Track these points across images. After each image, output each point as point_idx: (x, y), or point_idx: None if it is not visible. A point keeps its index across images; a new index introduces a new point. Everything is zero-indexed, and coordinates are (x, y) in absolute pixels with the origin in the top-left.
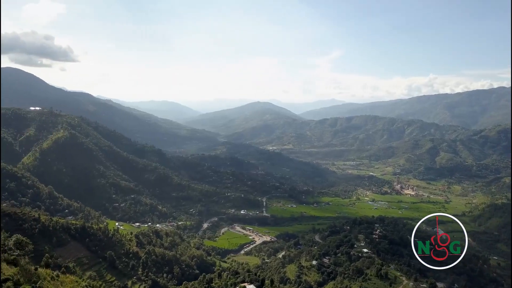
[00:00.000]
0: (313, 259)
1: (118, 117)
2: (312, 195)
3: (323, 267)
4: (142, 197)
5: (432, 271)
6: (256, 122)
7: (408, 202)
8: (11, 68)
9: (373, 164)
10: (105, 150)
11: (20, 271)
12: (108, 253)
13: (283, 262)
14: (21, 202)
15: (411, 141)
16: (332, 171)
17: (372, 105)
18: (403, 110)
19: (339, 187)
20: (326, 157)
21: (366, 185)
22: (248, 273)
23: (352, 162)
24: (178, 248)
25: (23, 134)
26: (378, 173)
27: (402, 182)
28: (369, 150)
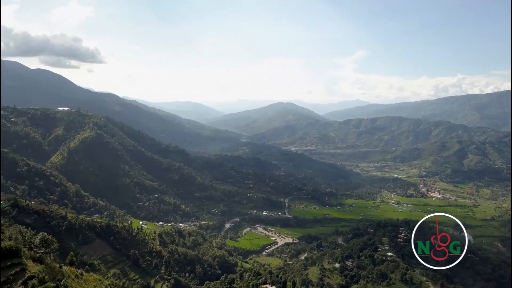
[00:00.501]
0: (336, 261)
1: (143, 117)
2: (336, 197)
3: (346, 270)
4: (166, 197)
5: (460, 277)
6: (278, 123)
7: (434, 206)
8: (42, 70)
9: (398, 166)
10: (130, 149)
11: (45, 268)
12: (132, 251)
13: (305, 264)
14: (49, 200)
15: (438, 143)
16: (356, 172)
17: (397, 106)
18: (429, 111)
19: (363, 189)
20: (350, 159)
21: (390, 187)
22: (270, 274)
23: (377, 164)
24: (201, 248)
25: (52, 133)
26: (403, 175)
27: (428, 184)
28: (394, 151)
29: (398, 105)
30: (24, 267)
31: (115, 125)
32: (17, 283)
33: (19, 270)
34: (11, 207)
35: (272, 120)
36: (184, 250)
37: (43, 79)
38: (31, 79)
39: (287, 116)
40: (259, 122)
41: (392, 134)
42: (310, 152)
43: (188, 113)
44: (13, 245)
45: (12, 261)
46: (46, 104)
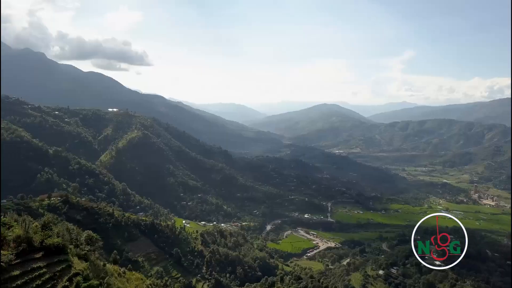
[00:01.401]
0: (380, 268)
1: (188, 118)
2: (380, 201)
3: (390, 277)
4: (209, 197)
5: None
6: (322, 125)
7: (487, 213)
8: (94, 73)
9: (447, 170)
10: (175, 150)
11: (89, 266)
12: (175, 250)
13: (348, 269)
14: (98, 198)
15: (492, 147)
16: (402, 177)
17: (447, 108)
18: (482, 114)
19: (409, 194)
20: (395, 162)
21: (439, 193)
22: (311, 279)
23: (424, 168)
24: (242, 249)
25: (102, 133)
26: (453, 180)
27: (480, 191)
28: (443, 156)
29: (448, 107)
30: (70, 264)
31: (161, 125)
32: (63, 279)
33: (65, 266)
34: (63, 204)
35: (315, 122)
36: (225, 251)
37: (95, 81)
38: (84, 81)
39: (331, 118)
40: (302, 124)
41: (441, 137)
42: (354, 155)
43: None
44: (60, 242)
45: (59, 257)
46: (96, 105)
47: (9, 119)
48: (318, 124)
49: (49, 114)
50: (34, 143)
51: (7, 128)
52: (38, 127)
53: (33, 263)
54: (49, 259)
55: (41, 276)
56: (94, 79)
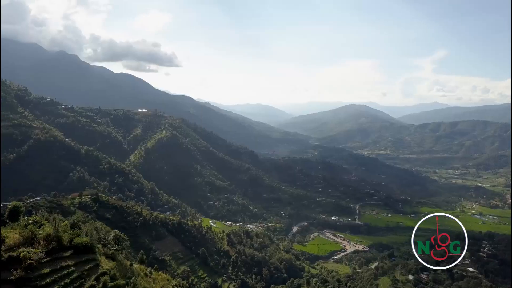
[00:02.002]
0: (409, 273)
1: (216, 119)
2: (410, 204)
3: (420, 283)
4: (235, 197)
5: None
6: (350, 126)
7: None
8: (124, 74)
9: (481, 174)
10: (202, 150)
11: (117, 265)
12: (201, 249)
13: (376, 274)
14: (127, 196)
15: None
16: (433, 179)
17: (481, 109)
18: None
19: (440, 197)
20: (426, 165)
21: (472, 196)
22: (338, 282)
23: (457, 171)
24: (268, 250)
25: (131, 133)
26: (487, 184)
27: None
28: (476, 158)
29: (482, 108)
30: (98, 263)
31: (189, 126)
32: (90, 278)
33: (93, 266)
34: (93, 202)
35: (344, 123)
36: (251, 251)
37: (125, 82)
38: (115, 82)
39: (360, 119)
40: (330, 125)
41: (475, 139)
42: (384, 157)
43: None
44: (88, 241)
45: (87, 256)
46: (127, 105)
47: (43, 119)
48: (346, 125)
49: (81, 114)
50: (67, 142)
51: (42, 128)
52: (70, 127)
53: (62, 262)
54: (77, 257)
55: (70, 274)
56: (124, 80)
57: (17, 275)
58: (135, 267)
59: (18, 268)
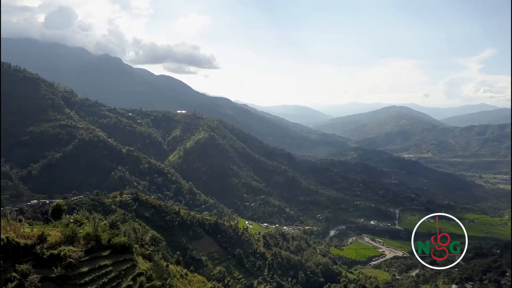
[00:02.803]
0: (453, 282)
1: (253, 120)
2: (454, 210)
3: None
4: (271, 199)
5: None
6: (390, 127)
7: None
8: (165, 76)
9: None
10: (239, 151)
11: (153, 266)
12: (237, 251)
13: (417, 281)
14: (165, 196)
15: None
16: (478, 184)
17: None
18: None
19: (487, 203)
20: (471, 169)
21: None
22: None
23: (505, 176)
24: (304, 253)
25: (171, 134)
26: None
27: None
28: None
29: None
30: (135, 263)
31: (226, 127)
32: (127, 278)
33: (130, 266)
34: (133, 201)
35: (384, 125)
36: (287, 254)
37: (166, 84)
38: (156, 84)
39: (401, 121)
40: (369, 126)
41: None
42: (425, 160)
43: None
44: (126, 241)
45: (124, 256)
46: (167, 107)
47: (88, 120)
48: (386, 127)
49: (123, 115)
50: (109, 142)
51: (86, 128)
52: (113, 127)
53: (101, 261)
54: (115, 257)
55: (107, 274)
56: (165, 82)
57: (57, 273)
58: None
59: (59, 266)
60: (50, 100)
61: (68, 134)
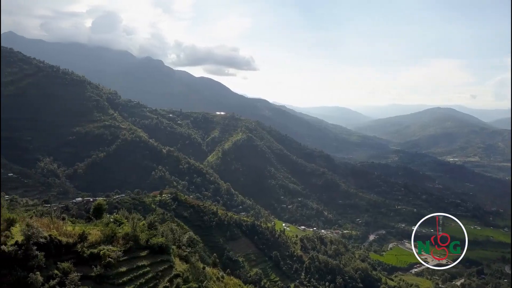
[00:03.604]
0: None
1: (291, 122)
2: (503, 217)
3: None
4: (309, 201)
5: None
6: (434, 130)
7: None
8: (204, 78)
9: None
10: (276, 153)
11: (189, 268)
12: (274, 253)
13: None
14: (204, 196)
15: None
16: None
17: None
18: None
19: None
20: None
21: None
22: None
23: None
24: (342, 258)
25: (209, 135)
26: None
27: None
28: None
29: None
30: (172, 264)
31: (264, 129)
32: (164, 279)
33: (167, 267)
34: (172, 200)
35: (427, 127)
36: (325, 258)
37: (205, 86)
38: (196, 86)
39: (445, 123)
40: (412, 129)
41: None
42: (472, 164)
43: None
44: (163, 242)
45: (161, 257)
46: (206, 108)
47: (130, 120)
48: (430, 129)
49: (164, 116)
50: (150, 143)
51: (129, 128)
52: (154, 128)
53: (139, 261)
54: (152, 258)
55: (145, 274)
56: (204, 84)
57: (96, 272)
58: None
59: (98, 265)
60: (95, 101)
61: (111, 134)
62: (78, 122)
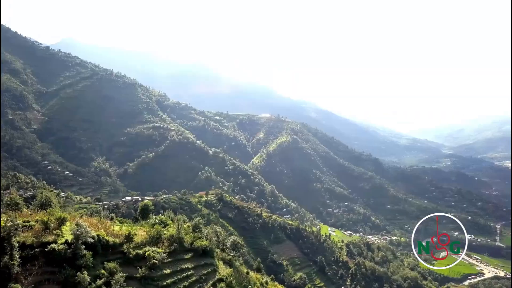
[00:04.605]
0: None
1: (337, 124)
2: None
3: None
4: (356, 206)
5: None
6: (491, 133)
7: None
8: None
9: None
10: (322, 155)
11: (233, 272)
12: (319, 258)
13: None
14: (248, 197)
15: None
16: None
17: None
18: None
19: None
20: None
21: None
22: None
23: None
24: (390, 265)
25: (254, 137)
26: None
27: None
28: None
29: None
30: (215, 268)
31: (309, 131)
32: (207, 283)
33: (211, 271)
34: (218, 201)
35: (483, 130)
36: (372, 265)
37: (252, 88)
38: (242, 88)
39: (504, 126)
40: (466, 132)
41: None
42: None
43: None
44: (207, 245)
45: (205, 260)
46: (251, 110)
47: (179, 122)
48: (486, 133)
49: (211, 118)
50: (197, 144)
51: (177, 130)
52: (201, 129)
53: (183, 264)
54: (196, 260)
55: (189, 277)
56: (251, 86)
57: (141, 273)
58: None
59: (143, 266)
60: (146, 103)
61: (160, 135)
62: (129, 124)
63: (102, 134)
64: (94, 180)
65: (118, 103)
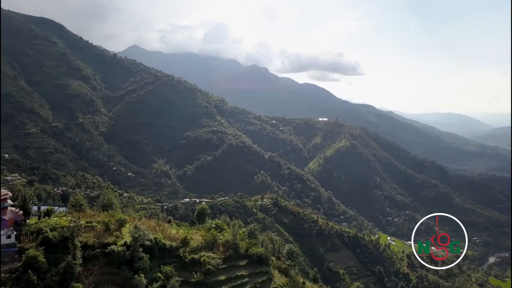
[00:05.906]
0: None
1: (398, 129)
2: None
3: None
4: (418, 215)
5: None
6: None
7: None
8: (308, 84)
9: None
10: (382, 161)
11: (289, 282)
12: (378, 268)
13: None
14: (304, 203)
15: None
16: None
17: None
18: None
19: None
20: None
21: None
22: None
23: None
24: (456, 280)
25: (311, 142)
26: None
27: None
28: None
29: None
30: (270, 277)
31: (369, 136)
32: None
33: (266, 279)
34: (273, 206)
35: None
36: (435, 278)
37: (308, 92)
38: (299, 92)
39: None
40: None
41: None
42: None
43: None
44: (263, 253)
45: (260, 268)
46: (308, 114)
47: (236, 126)
48: None
49: (267, 122)
50: (254, 148)
51: (234, 134)
52: (257, 134)
53: (238, 271)
54: (251, 268)
55: (243, 285)
56: (307, 90)
57: (196, 278)
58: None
59: (198, 272)
60: (205, 108)
61: (218, 139)
62: (189, 127)
63: (163, 137)
64: (155, 181)
65: (178, 107)
